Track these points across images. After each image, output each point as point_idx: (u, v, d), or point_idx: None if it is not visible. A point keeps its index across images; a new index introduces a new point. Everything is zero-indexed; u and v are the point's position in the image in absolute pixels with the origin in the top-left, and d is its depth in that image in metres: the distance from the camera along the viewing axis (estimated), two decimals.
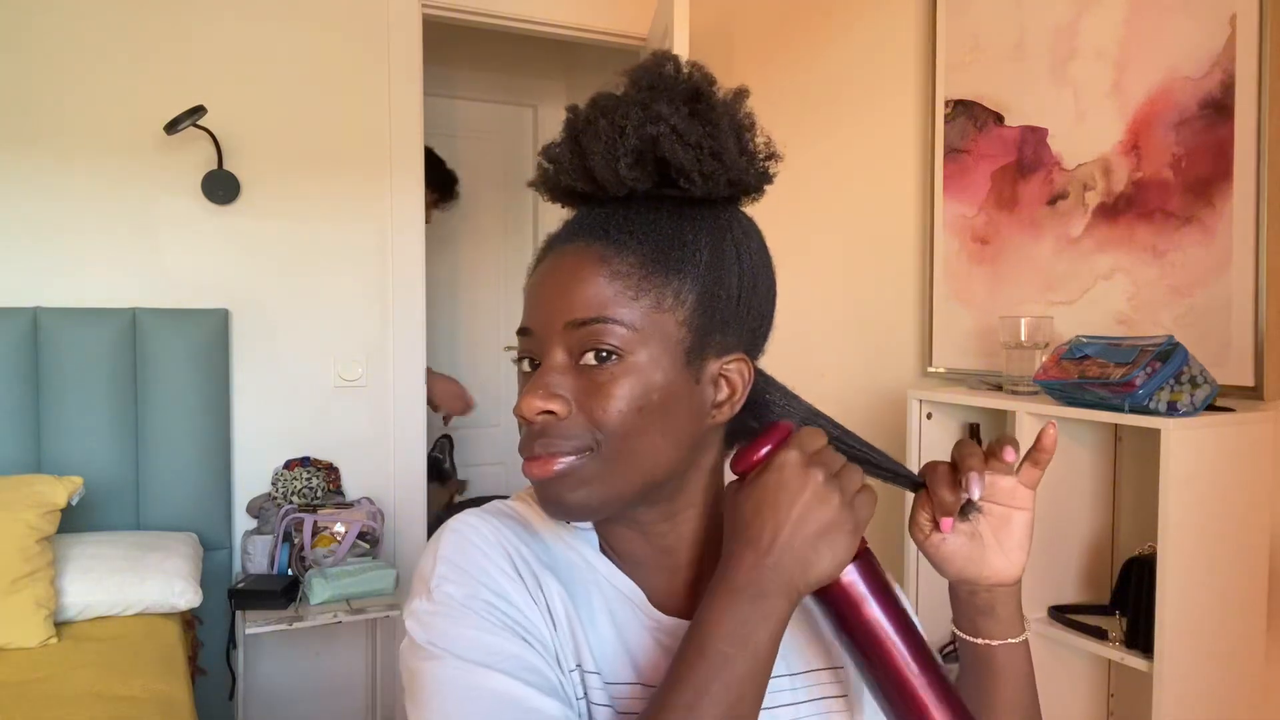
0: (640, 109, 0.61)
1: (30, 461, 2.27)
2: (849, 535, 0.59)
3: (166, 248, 2.50)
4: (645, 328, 0.61)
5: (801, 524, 0.57)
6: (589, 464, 0.61)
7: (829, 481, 0.58)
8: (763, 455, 0.61)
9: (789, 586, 0.57)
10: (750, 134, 0.65)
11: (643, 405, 0.61)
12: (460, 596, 0.61)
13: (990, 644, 0.69)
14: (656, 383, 0.61)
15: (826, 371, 2.46)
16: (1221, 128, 1.54)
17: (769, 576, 0.57)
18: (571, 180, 0.65)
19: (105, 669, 1.77)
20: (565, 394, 0.61)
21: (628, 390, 0.60)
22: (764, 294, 0.67)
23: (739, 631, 0.56)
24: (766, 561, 0.57)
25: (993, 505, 0.67)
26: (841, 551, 0.58)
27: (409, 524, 2.79)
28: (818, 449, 0.60)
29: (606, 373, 0.60)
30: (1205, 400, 1.41)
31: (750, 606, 0.57)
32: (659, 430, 0.62)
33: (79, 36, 2.39)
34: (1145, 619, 1.42)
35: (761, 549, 0.57)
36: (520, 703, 0.57)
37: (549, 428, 0.61)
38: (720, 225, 0.65)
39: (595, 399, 0.60)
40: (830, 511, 0.58)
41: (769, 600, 0.57)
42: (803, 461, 0.58)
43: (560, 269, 0.63)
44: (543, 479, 0.62)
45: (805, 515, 0.57)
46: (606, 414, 0.60)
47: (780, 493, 0.58)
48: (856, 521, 0.59)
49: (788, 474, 0.58)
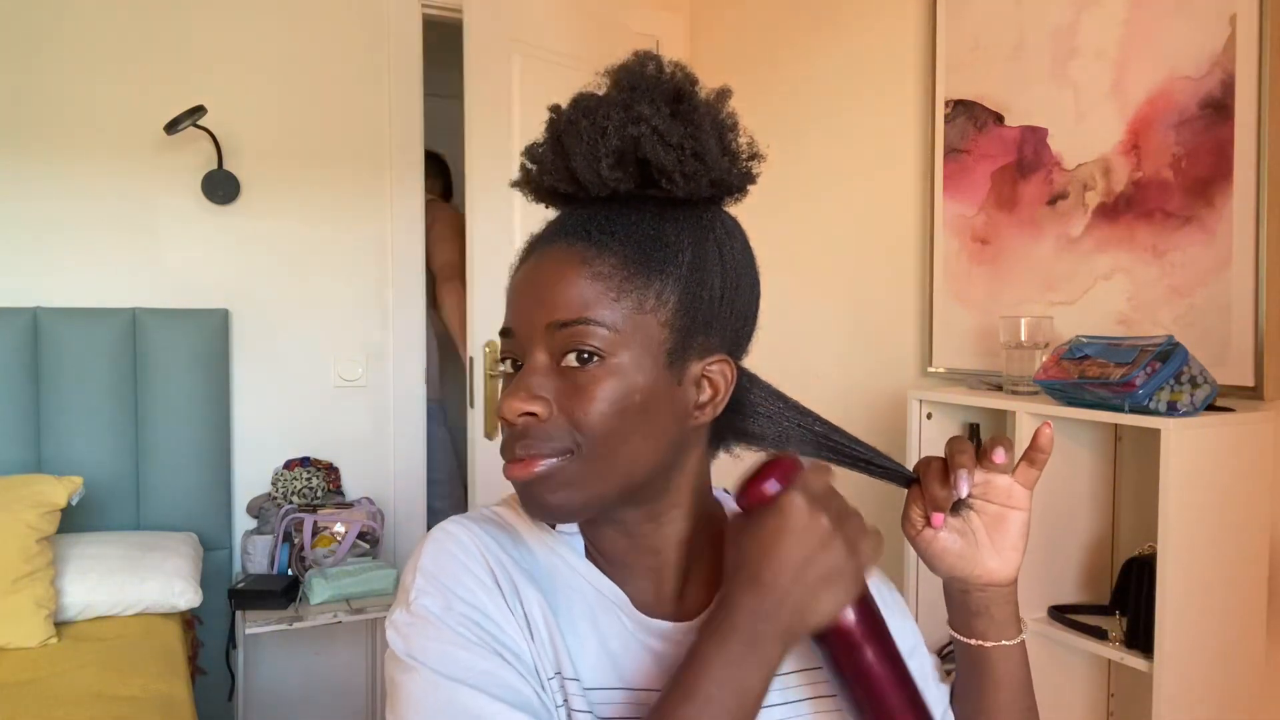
0: (622, 109, 0.61)
1: (30, 461, 2.27)
2: (850, 582, 0.59)
3: (166, 248, 2.50)
4: (627, 329, 0.61)
5: (804, 571, 0.57)
6: (569, 466, 0.61)
7: (834, 528, 0.58)
8: (769, 493, 0.60)
9: (786, 632, 0.57)
10: (733, 134, 0.65)
11: (624, 407, 0.61)
12: (437, 610, 0.61)
13: (984, 645, 0.69)
14: (638, 384, 0.61)
15: (826, 371, 2.46)
16: (1221, 128, 1.54)
17: (766, 622, 0.57)
18: (554, 181, 0.65)
19: (105, 669, 1.77)
20: (547, 395, 0.61)
21: (609, 392, 0.60)
22: (747, 294, 0.67)
23: (730, 674, 0.56)
24: (764, 607, 0.57)
25: (988, 504, 0.67)
26: (842, 598, 0.58)
27: (409, 524, 2.79)
28: (824, 490, 0.60)
29: (588, 374, 0.60)
30: (1205, 400, 1.41)
31: (744, 649, 0.57)
32: (640, 432, 0.62)
33: (79, 36, 2.39)
34: (1145, 619, 1.42)
35: (761, 593, 0.57)
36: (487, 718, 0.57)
37: (530, 429, 0.61)
38: (703, 226, 0.65)
39: (576, 401, 0.60)
40: (833, 558, 0.58)
41: (764, 646, 0.57)
42: (809, 507, 0.58)
43: (542, 270, 0.63)
44: (523, 481, 0.62)
45: (808, 562, 0.57)
46: (587, 416, 0.60)
47: (785, 537, 0.57)
48: (858, 568, 0.59)
49: (794, 519, 0.57)
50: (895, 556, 1.89)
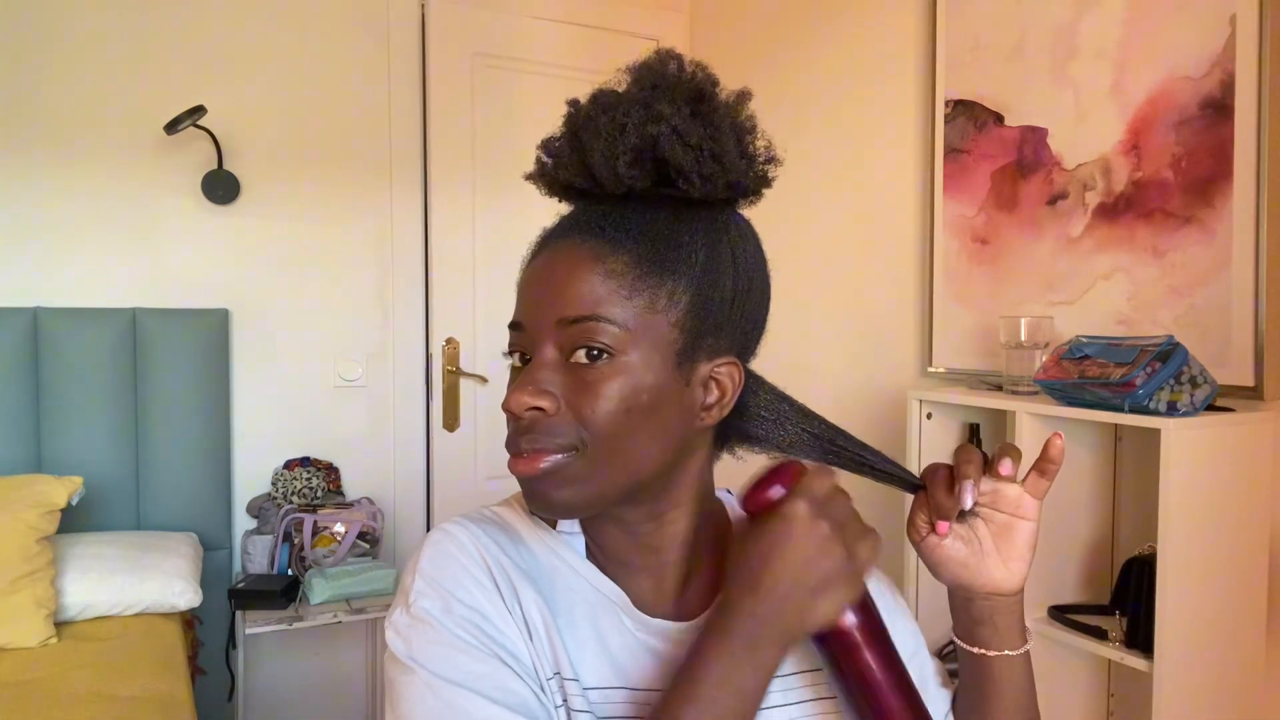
0: (642, 107, 0.61)
1: (30, 461, 2.27)
2: (849, 586, 0.59)
3: (166, 248, 2.50)
4: (637, 328, 0.60)
5: (803, 576, 0.57)
6: (574, 463, 0.61)
7: (834, 533, 0.58)
8: (773, 499, 0.60)
9: (784, 635, 0.58)
10: (751, 137, 0.65)
11: (631, 406, 0.60)
12: (436, 612, 0.61)
13: (986, 654, 0.69)
14: (646, 383, 0.61)
15: (826, 371, 2.46)
16: (1221, 128, 1.54)
17: (765, 626, 0.57)
18: (570, 176, 0.65)
19: (105, 669, 1.77)
20: (554, 391, 0.61)
21: (617, 390, 0.60)
22: (758, 297, 0.67)
23: (729, 676, 0.57)
24: (763, 610, 0.57)
25: (996, 513, 0.67)
26: (841, 601, 0.59)
27: (409, 524, 2.79)
28: (827, 495, 0.60)
29: (596, 371, 0.60)
30: (1205, 400, 1.41)
31: (743, 652, 0.57)
32: (646, 431, 0.61)
33: (79, 36, 2.39)
34: (1145, 619, 1.42)
35: (760, 597, 0.57)
36: None
37: (536, 424, 0.61)
38: (717, 227, 0.64)
39: (584, 397, 0.60)
40: (832, 563, 0.58)
41: (762, 649, 0.57)
42: (811, 514, 0.58)
43: (554, 265, 0.63)
44: (528, 476, 0.62)
45: (807, 567, 0.57)
46: (594, 413, 0.60)
47: (786, 543, 0.58)
48: (858, 572, 0.59)
49: (795, 526, 0.58)
50: (898, 560, 1.89)
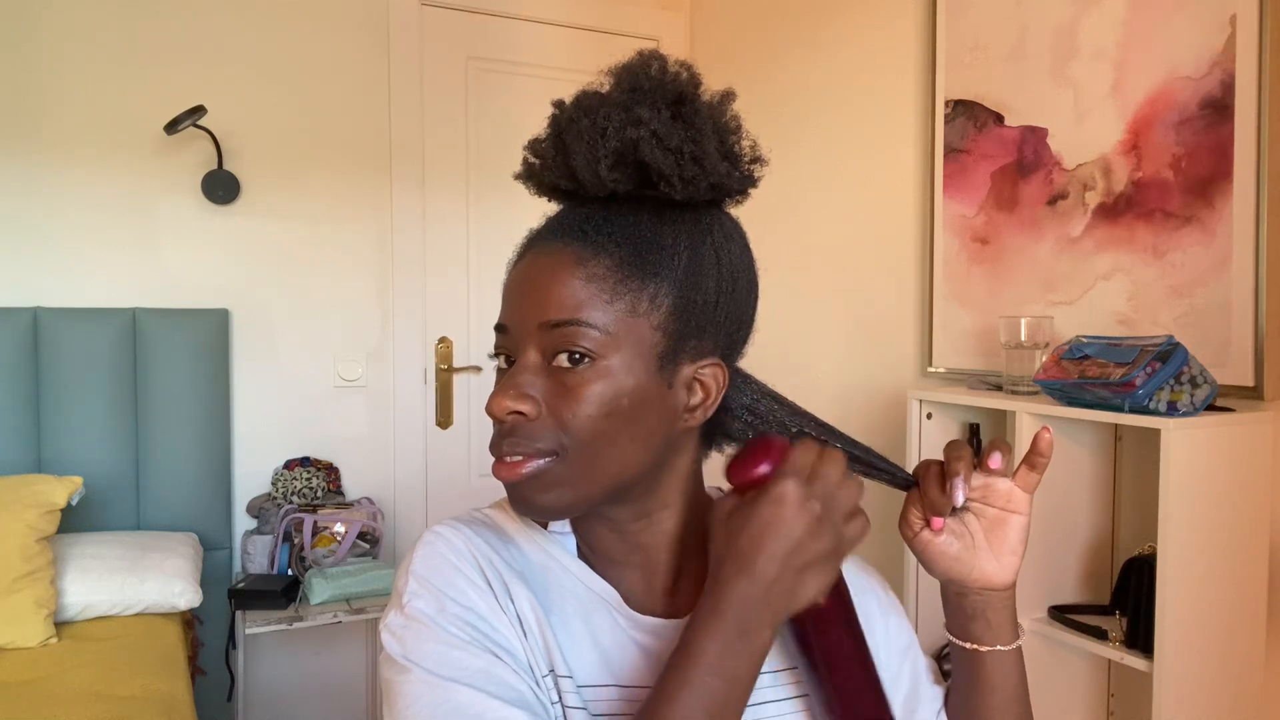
0: (622, 110, 0.61)
1: (30, 461, 2.27)
2: (835, 565, 0.59)
3: (166, 248, 2.50)
4: (619, 332, 0.60)
5: (793, 558, 0.57)
6: (556, 467, 0.61)
7: (823, 514, 0.58)
8: (760, 475, 0.60)
9: (776, 618, 0.58)
10: (735, 137, 0.64)
11: (611, 410, 0.60)
12: (430, 611, 0.61)
13: (979, 649, 0.69)
14: (627, 387, 0.61)
15: (826, 371, 2.46)
16: (1221, 128, 1.54)
17: (757, 609, 0.57)
18: (555, 178, 0.65)
19: (105, 669, 1.77)
20: (535, 395, 0.61)
21: (597, 395, 0.60)
22: (743, 298, 0.66)
23: (722, 662, 0.56)
24: (757, 594, 0.57)
25: (987, 508, 0.67)
26: (827, 579, 0.59)
27: (409, 524, 2.79)
28: (814, 469, 0.59)
29: (578, 376, 0.60)
30: (1205, 400, 1.41)
31: (737, 639, 0.57)
32: (627, 435, 0.61)
33: (79, 36, 2.39)
34: (1145, 619, 1.42)
35: (754, 581, 0.57)
36: (484, 715, 0.57)
37: (518, 428, 0.61)
38: (701, 229, 0.64)
39: (565, 402, 0.60)
40: (822, 545, 0.58)
41: (756, 634, 0.57)
42: (801, 496, 0.58)
43: (538, 268, 0.63)
44: (511, 481, 0.62)
45: (799, 549, 0.57)
46: (575, 418, 0.60)
47: (779, 527, 0.57)
48: (844, 549, 0.60)
49: (786, 509, 0.57)
50: (894, 558, 1.89)
